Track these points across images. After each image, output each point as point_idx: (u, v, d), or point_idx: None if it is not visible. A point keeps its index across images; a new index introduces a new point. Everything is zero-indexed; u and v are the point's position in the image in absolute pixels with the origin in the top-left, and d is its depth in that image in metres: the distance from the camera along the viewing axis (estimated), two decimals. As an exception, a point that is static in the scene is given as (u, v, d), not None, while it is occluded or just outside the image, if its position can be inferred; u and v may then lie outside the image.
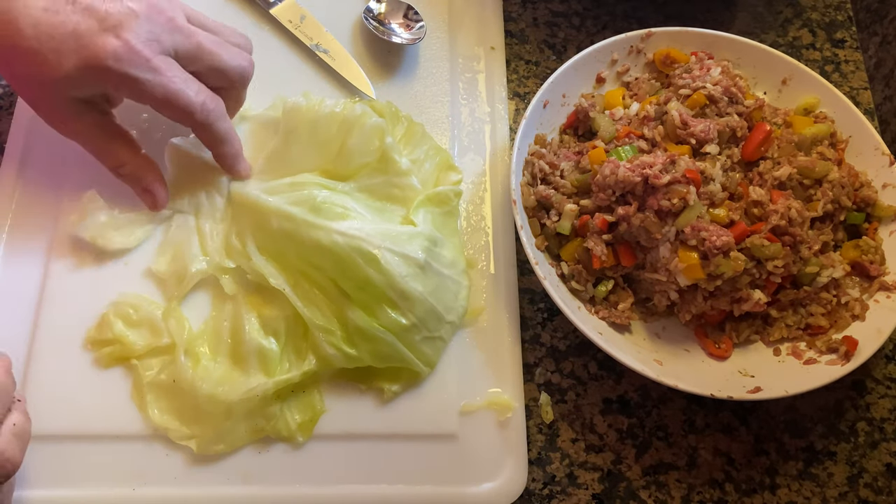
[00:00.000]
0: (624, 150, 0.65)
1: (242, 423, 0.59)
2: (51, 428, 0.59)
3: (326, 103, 0.66)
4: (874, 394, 0.68)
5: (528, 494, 0.62)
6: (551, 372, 0.67)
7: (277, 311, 0.62)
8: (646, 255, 0.64)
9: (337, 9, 0.79)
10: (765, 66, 0.74)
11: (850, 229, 0.69)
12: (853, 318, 0.65)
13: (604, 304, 0.66)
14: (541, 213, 0.67)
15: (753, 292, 0.62)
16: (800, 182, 0.66)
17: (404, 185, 0.66)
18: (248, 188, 0.65)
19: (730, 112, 0.68)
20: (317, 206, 0.61)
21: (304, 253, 0.61)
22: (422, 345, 0.61)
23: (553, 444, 0.64)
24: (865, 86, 0.83)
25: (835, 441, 0.66)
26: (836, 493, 0.64)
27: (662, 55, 0.74)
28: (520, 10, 0.84)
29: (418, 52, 0.78)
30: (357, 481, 0.60)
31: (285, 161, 0.66)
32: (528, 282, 0.70)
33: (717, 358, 0.65)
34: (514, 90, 0.79)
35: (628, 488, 0.63)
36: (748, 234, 0.62)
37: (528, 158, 0.69)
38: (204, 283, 0.64)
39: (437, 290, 0.62)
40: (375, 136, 0.65)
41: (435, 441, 0.61)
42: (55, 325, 0.63)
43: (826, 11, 0.87)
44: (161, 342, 0.61)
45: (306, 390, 0.61)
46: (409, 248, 0.61)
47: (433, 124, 0.74)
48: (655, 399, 0.66)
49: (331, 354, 0.60)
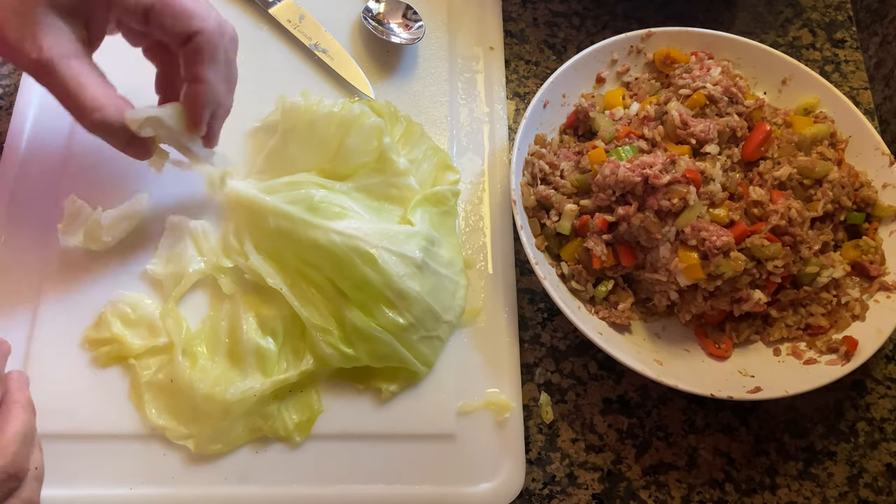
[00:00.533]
0: (624, 150, 0.65)
1: (240, 422, 0.59)
2: (48, 427, 0.59)
3: (325, 103, 0.66)
4: (874, 394, 0.68)
5: (528, 494, 0.62)
6: (551, 372, 0.67)
7: (275, 310, 0.62)
8: (646, 255, 0.64)
9: (336, 8, 0.79)
10: (765, 66, 0.74)
11: (850, 229, 0.69)
12: (853, 318, 0.65)
13: (604, 304, 0.66)
14: (541, 213, 0.67)
15: (753, 292, 0.62)
16: (800, 182, 0.66)
17: (402, 185, 0.66)
18: (246, 187, 0.64)
19: (730, 112, 0.68)
20: (314, 205, 0.61)
21: (301, 252, 0.61)
22: (419, 344, 0.61)
23: (553, 444, 0.64)
24: (865, 86, 0.83)
25: (835, 441, 0.66)
26: (836, 493, 0.64)
27: (662, 55, 0.74)
28: (520, 10, 0.84)
29: (417, 51, 0.78)
30: (355, 481, 0.60)
31: (283, 160, 0.66)
32: (528, 282, 0.69)
33: (717, 358, 0.65)
34: (513, 90, 0.79)
35: (628, 488, 0.63)
36: (748, 234, 0.62)
37: (528, 158, 0.69)
38: (202, 283, 0.64)
39: (435, 290, 0.62)
40: (374, 136, 0.65)
41: (433, 441, 0.61)
42: (53, 324, 0.63)
43: (826, 11, 0.87)
44: (159, 342, 0.61)
45: (304, 390, 0.61)
46: (406, 247, 0.61)
47: (432, 124, 0.74)
48: (655, 399, 0.66)
49: (328, 354, 0.60)
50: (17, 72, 0.76)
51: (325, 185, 0.64)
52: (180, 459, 0.59)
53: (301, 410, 0.61)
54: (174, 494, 0.58)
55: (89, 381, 0.61)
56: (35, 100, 0.72)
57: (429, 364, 0.63)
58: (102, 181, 0.68)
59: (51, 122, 0.71)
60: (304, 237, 0.60)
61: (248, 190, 0.64)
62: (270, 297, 0.62)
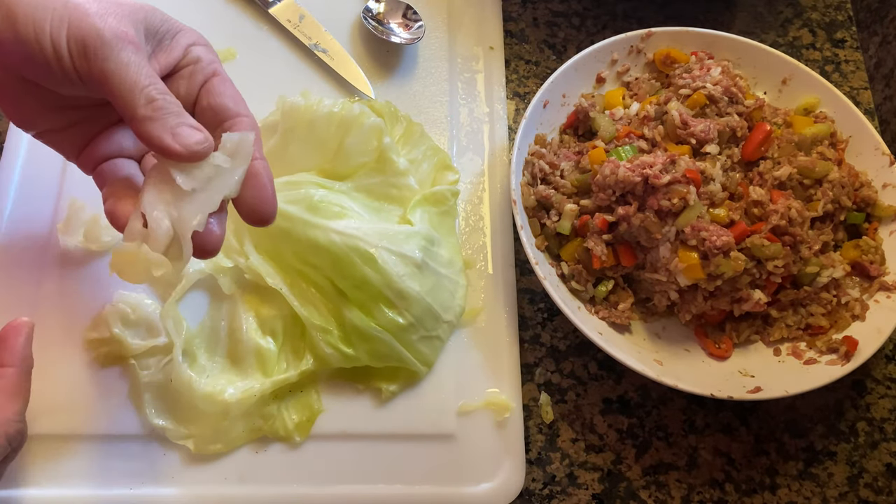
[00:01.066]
0: (624, 150, 0.65)
1: (240, 422, 0.59)
2: (48, 427, 0.59)
3: (325, 103, 0.66)
4: (874, 394, 0.68)
5: (529, 494, 0.62)
6: (551, 372, 0.66)
7: (275, 310, 0.62)
8: (646, 255, 0.64)
9: (336, 8, 0.79)
10: (765, 66, 0.74)
11: (850, 229, 0.69)
12: (853, 318, 0.65)
13: (604, 304, 0.66)
14: (541, 213, 0.67)
15: (753, 292, 0.62)
16: (800, 182, 0.66)
17: (402, 185, 0.66)
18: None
19: (730, 112, 0.68)
20: (314, 204, 0.61)
21: (301, 252, 0.61)
22: (419, 344, 0.61)
23: (553, 444, 0.64)
24: (865, 86, 0.83)
25: (835, 441, 0.66)
26: (836, 493, 0.64)
27: (662, 55, 0.74)
28: (520, 10, 0.83)
29: (417, 51, 0.78)
30: (354, 481, 0.60)
31: (283, 160, 0.66)
32: (528, 282, 0.69)
33: (717, 358, 0.65)
34: (513, 90, 0.79)
35: (628, 488, 0.63)
36: (748, 234, 0.62)
37: (529, 158, 0.69)
38: (202, 283, 0.64)
39: (434, 290, 0.62)
40: (373, 136, 0.65)
41: (433, 441, 0.61)
42: (53, 324, 0.63)
43: (826, 11, 0.87)
44: (159, 342, 0.61)
45: (304, 390, 0.61)
46: (406, 247, 0.61)
47: (432, 124, 0.74)
48: (655, 399, 0.66)
49: (328, 354, 0.60)
50: (16, 72, 0.76)
51: (324, 184, 0.64)
52: (180, 459, 0.59)
53: (301, 410, 0.61)
54: (174, 494, 0.58)
55: (89, 381, 0.61)
56: (35, 100, 0.72)
57: (429, 364, 0.63)
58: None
59: (51, 122, 0.71)
60: (304, 237, 0.60)
61: (247, 190, 0.64)
62: (270, 297, 0.62)
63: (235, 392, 0.58)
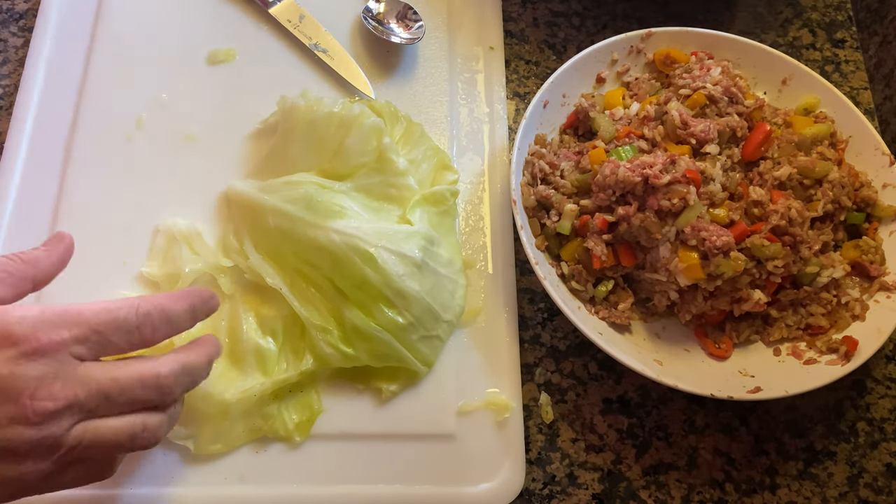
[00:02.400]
0: (624, 150, 0.65)
1: (240, 422, 0.59)
2: (48, 427, 0.59)
3: (325, 103, 0.66)
4: (874, 394, 0.68)
5: (528, 494, 0.62)
6: (551, 372, 0.66)
7: (275, 310, 0.62)
8: (646, 255, 0.64)
9: (336, 8, 0.79)
10: (765, 66, 0.74)
11: (850, 229, 0.69)
12: (853, 318, 0.65)
13: (604, 304, 0.66)
14: (541, 213, 0.67)
15: (753, 292, 0.62)
16: (800, 182, 0.66)
17: (401, 185, 0.66)
18: (246, 187, 0.64)
19: (730, 112, 0.68)
20: (314, 204, 0.61)
21: (300, 251, 0.61)
22: (419, 344, 0.61)
23: (553, 444, 0.64)
24: (865, 86, 0.83)
25: (835, 441, 0.66)
26: (836, 493, 0.64)
27: (662, 55, 0.74)
28: (520, 10, 0.83)
29: (417, 51, 0.78)
30: (354, 481, 0.60)
31: (283, 160, 0.66)
32: (528, 282, 0.69)
33: (717, 358, 0.65)
34: (513, 90, 0.79)
35: (628, 488, 0.63)
36: (748, 234, 0.62)
37: (529, 158, 0.69)
38: (201, 283, 0.64)
39: (434, 289, 0.62)
40: (373, 136, 0.65)
41: (433, 441, 0.61)
42: (53, 324, 0.63)
43: (826, 11, 0.87)
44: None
45: (304, 390, 0.61)
46: (405, 247, 0.61)
47: (432, 124, 0.74)
48: (655, 399, 0.66)
49: (328, 354, 0.60)
50: (17, 72, 0.76)
51: (324, 184, 0.64)
52: (180, 459, 0.59)
53: (301, 410, 0.61)
54: (174, 494, 0.58)
55: (89, 381, 0.61)
56: (35, 100, 0.71)
57: (429, 364, 0.63)
58: (102, 181, 0.68)
59: (51, 122, 0.71)
60: (304, 236, 0.60)
61: (247, 189, 0.64)
62: (270, 297, 0.62)
63: (235, 392, 0.58)
